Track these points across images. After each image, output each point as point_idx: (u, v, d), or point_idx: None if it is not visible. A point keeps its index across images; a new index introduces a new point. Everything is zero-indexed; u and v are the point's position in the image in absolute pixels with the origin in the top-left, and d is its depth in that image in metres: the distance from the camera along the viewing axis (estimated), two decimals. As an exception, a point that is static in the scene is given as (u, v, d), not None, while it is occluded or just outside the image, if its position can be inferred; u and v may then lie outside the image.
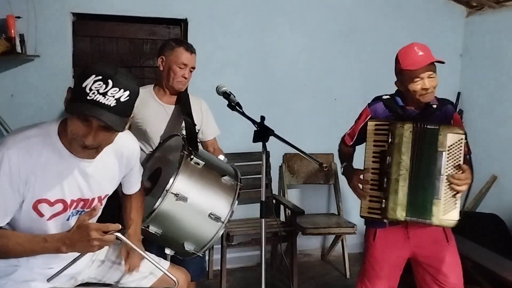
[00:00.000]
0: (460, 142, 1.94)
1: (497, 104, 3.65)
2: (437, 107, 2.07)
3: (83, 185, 1.55)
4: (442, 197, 1.92)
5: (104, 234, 1.38)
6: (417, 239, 2.06)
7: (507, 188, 3.56)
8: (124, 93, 1.36)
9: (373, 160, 2.03)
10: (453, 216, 1.93)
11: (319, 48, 3.65)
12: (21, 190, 1.44)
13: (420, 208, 1.94)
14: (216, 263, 3.22)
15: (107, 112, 1.34)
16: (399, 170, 1.95)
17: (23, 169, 1.42)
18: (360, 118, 2.17)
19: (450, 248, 2.09)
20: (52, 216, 1.52)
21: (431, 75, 1.97)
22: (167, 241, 1.92)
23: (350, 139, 2.22)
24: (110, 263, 1.82)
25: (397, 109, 2.06)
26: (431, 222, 1.93)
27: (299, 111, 3.64)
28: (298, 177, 3.66)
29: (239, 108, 1.87)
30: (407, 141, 1.94)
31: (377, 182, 2.02)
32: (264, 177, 1.78)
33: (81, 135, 1.38)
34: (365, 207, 2.04)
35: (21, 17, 2.91)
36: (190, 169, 1.88)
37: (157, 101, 2.37)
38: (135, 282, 1.82)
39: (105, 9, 3.13)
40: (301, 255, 3.64)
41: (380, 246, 2.10)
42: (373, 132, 2.02)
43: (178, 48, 2.32)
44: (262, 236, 1.77)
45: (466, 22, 3.96)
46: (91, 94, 1.33)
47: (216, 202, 1.90)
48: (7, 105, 2.97)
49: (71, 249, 1.42)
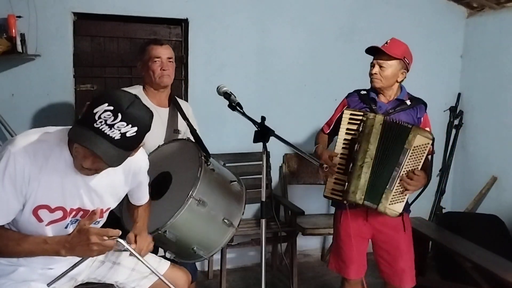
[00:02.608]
0: (426, 145, 2.09)
1: (497, 105, 3.65)
2: (410, 104, 2.22)
3: (85, 196, 1.55)
4: (393, 189, 2.11)
5: (104, 239, 1.39)
6: (375, 223, 2.26)
7: (507, 189, 3.56)
8: (132, 128, 1.34)
9: (343, 146, 2.19)
10: (397, 208, 2.13)
11: (320, 48, 3.65)
12: (24, 192, 1.44)
13: (373, 193, 2.13)
14: (216, 263, 3.23)
15: (109, 144, 1.32)
16: (365, 157, 2.11)
17: (27, 172, 1.42)
18: (338, 108, 2.35)
19: (405, 237, 2.28)
20: (51, 223, 1.53)
21: (381, 64, 2.16)
22: (180, 246, 1.90)
23: (327, 127, 2.39)
24: (110, 263, 1.82)
25: (369, 102, 2.22)
26: (378, 208, 2.12)
27: (299, 111, 3.64)
28: (299, 177, 3.66)
29: (240, 109, 1.87)
30: (376, 132, 2.10)
31: (343, 167, 2.19)
32: (264, 177, 1.78)
33: (81, 157, 1.39)
34: (329, 188, 2.23)
35: (22, 16, 2.91)
36: (208, 173, 1.89)
37: (149, 103, 2.30)
38: (135, 282, 1.82)
39: (106, 9, 3.13)
40: (301, 255, 3.64)
41: (345, 227, 2.27)
42: (347, 121, 2.18)
43: (148, 46, 2.34)
44: (262, 236, 1.77)
45: (467, 23, 3.96)
46: (98, 123, 1.31)
47: (230, 207, 1.92)
48: (8, 105, 2.96)
49: (70, 253, 1.43)
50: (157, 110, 2.33)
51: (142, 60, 2.33)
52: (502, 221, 3.33)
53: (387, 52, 2.14)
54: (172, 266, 1.87)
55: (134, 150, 1.43)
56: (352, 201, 2.15)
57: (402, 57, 2.16)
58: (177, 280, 1.83)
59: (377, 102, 2.22)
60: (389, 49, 2.15)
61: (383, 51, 2.14)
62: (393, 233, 2.26)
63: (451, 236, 3.11)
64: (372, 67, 2.20)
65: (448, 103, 3.95)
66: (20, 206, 1.46)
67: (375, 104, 2.21)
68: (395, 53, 2.14)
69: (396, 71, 2.17)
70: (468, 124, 3.90)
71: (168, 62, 2.31)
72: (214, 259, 3.35)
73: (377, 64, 2.17)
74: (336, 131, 2.28)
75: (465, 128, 3.91)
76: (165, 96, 2.38)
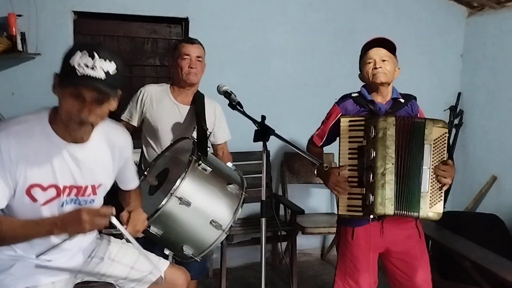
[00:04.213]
0: (444, 135, 1.97)
1: (497, 104, 3.65)
2: (404, 102, 2.10)
3: (75, 170, 1.56)
4: (429, 190, 1.94)
5: (95, 218, 1.40)
6: (391, 235, 2.06)
7: (506, 188, 3.56)
8: (111, 63, 1.41)
9: (349, 156, 1.99)
10: (439, 209, 1.96)
11: (320, 47, 3.65)
12: (13, 173, 1.45)
13: (408, 201, 1.94)
14: (216, 262, 3.23)
15: (98, 83, 1.39)
16: (385, 164, 1.92)
17: (14, 152, 1.43)
18: (330, 117, 2.15)
19: (421, 245, 2.12)
20: (46, 202, 1.54)
21: (383, 58, 2.02)
22: (166, 242, 1.92)
23: (319, 139, 2.19)
24: (109, 261, 1.82)
25: (367, 104, 2.06)
26: (419, 215, 1.94)
27: (299, 110, 3.64)
28: (298, 176, 3.67)
29: (240, 108, 1.87)
30: (391, 134, 1.93)
31: (356, 179, 1.98)
32: (264, 177, 1.79)
33: (76, 111, 1.41)
34: (344, 205, 2.00)
35: (22, 15, 2.91)
36: (197, 174, 1.88)
37: (172, 100, 2.37)
38: (135, 282, 1.82)
39: (106, 8, 3.13)
40: (300, 254, 3.64)
41: (359, 244, 2.07)
42: (348, 129, 2.00)
43: (179, 44, 2.38)
44: (262, 235, 1.77)
45: (467, 23, 3.96)
46: (80, 70, 1.36)
47: (219, 210, 1.89)
48: (8, 103, 2.97)
49: (63, 231, 1.44)
50: (178, 107, 2.37)
51: (173, 57, 2.38)
52: (501, 221, 3.34)
53: (393, 43, 2.02)
54: (171, 266, 1.88)
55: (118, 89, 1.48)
56: (381, 214, 1.93)
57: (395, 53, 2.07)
58: (176, 279, 1.85)
59: (376, 103, 2.06)
60: (391, 42, 2.03)
61: (386, 44, 2.03)
62: (409, 242, 2.09)
63: (451, 235, 3.11)
64: (371, 63, 2.03)
65: (448, 103, 3.95)
66: (11, 191, 1.47)
67: (374, 105, 2.05)
68: (394, 47, 2.05)
69: (395, 66, 2.07)
70: (468, 124, 3.90)
71: (197, 60, 2.33)
72: (214, 258, 3.36)
73: (378, 58, 2.02)
74: (329, 141, 2.15)
75: (465, 128, 3.91)
76: (190, 94, 2.40)
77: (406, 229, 2.07)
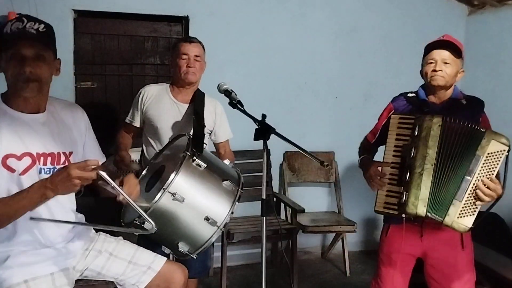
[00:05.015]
0: (502, 152, 1.83)
1: (498, 103, 3.64)
2: (466, 104, 2.00)
3: (42, 137, 1.63)
4: (463, 199, 1.84)
5: (83, 171, 1.42)
6: (430, 239, 1.99)
7: (507, 187, 3.54)
8: (40, 25, 1.59)
9: (393, 154, 1.96)
10: (467, 222, 1.85)
11: (321, 46, 3.65)
12: None
13: (438, 203, 1.86)
14: (217, 261, 3.23)
15: (31, 37, 1.55)
16: (424, 163, 1.86)
17: None
18: (383, 114, 2.13)
19: (464, 255, 2.01)
20: (24, 171, 1.58)
21: (446, 60, 1.94)
22: (161, 239, 1.92)
23: (372, 136, 2.18)
24: (107, 254, 1.83)
25: (419, 104, 2.01)
26: (443, 220, 1.84)
27: (300, 109, 3.64)
28: (299, 175, 3.67)
29: (241, 106, 1.87)
30: (435, 135, 1.86)
31: (396, 177, 1.94)
32: (265, 175, 1.78)
33: (19, 69, 1.54)
34: (381, 202, 1.96)
35: (23, 13, 2.91)
36: (191, 170, 1.87)
37: (171, 99, 2.39)
38: (135, 277, 1.82)
39: (106, 6, 3.13)
40: (301, 253, 3.64)
41: (391, 241, 2.05)
42: (397, 126, 1.96)
43: (178, 43, 2.40)
44: (262, 234, 1.77)
45: (468, 21, 3.95)
46: (14, 33, 1.54)
47: (214, 206, 1.88)
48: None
49: (54, 191, 1.46)
50: (177, 106, 2.38)
51: (172, 56, 2.40)
52: (502, 219, 3.33)
53: (459, 46, 1.94)
54: (168, 262, 1.89)
55: (52, 48, 1.65)
56: (412, 214, 1.87)
57: (462, 55, 1.99)
58: (173, 276, 1.85)
59: (428, 104, 1.99)
60: (457, 45, 1.94)
61: (450, 46, 1.94)
62: (448, 249, 1.99)
63: (451, 234, 3.11)
64: (433, 64, 1.95)
65: (449, 101, 3.94)
66: None
67: (427, 106, 1.98)
68: (460, 50, 1.95)
69: (458, 69, 1.98)
70: (468, 122, 3.89)
71: (195, 60, 2.34)
72: (215, 257, 3.36)
73: (440, 61, 1.93)
74: (382, 139, 2.07)
75: (466, 126, 3.90)
76: (190, 92, 2.40)
77: (448, 235, 1.97)
